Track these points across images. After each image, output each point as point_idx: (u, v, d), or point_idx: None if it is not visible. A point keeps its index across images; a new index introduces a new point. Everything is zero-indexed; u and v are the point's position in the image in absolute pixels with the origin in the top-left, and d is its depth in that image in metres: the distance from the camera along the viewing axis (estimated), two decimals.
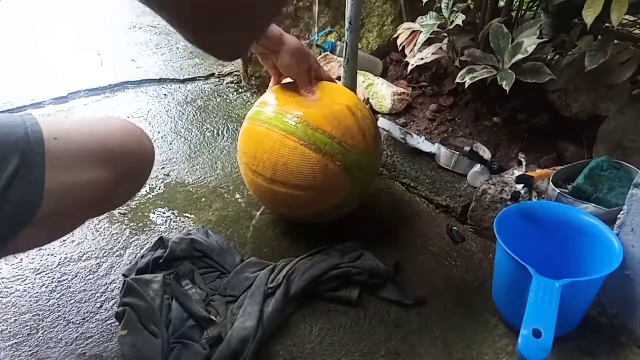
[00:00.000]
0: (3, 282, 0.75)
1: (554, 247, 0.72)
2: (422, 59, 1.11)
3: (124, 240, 0.85)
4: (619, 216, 0.67)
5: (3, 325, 0.68)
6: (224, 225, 0.89)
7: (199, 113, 1.32)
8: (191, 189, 1.01)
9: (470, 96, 1.16)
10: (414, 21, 1.20)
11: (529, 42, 0.93)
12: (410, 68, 1.14)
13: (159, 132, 1.22)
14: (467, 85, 0.96)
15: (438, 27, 1.06)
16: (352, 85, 1.03)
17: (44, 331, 0.67)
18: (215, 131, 1.24)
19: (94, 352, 0.64)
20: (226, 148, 1.16)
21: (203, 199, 0.97)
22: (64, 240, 0.85)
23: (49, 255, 0.81)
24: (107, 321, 0.69)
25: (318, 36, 1.37)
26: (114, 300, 0.72)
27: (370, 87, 1.27)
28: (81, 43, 1.75)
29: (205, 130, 1.24)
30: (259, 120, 0.75)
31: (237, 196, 0.99)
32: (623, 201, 0.67)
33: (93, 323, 0.68)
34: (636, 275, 0.66)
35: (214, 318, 0.67)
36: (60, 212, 0.41)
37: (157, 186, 1.01)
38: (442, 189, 0.99)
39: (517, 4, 1.08)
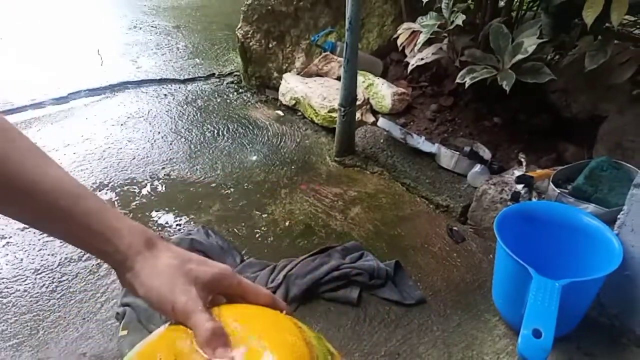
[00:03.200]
0: (3, 282, 0.75)
1: (553, 247, 0.72)
2: (422, 59, 1.11)
3: None
4: (618, 216, 0.67)
5: (3, 325, 0.68)
6: (224, 225, 0.89)
7: (199, 113, 1.32)
8: (191, 189, 1.01)
9: (470, 96, 1.16)
10: (414, 21, 1.20)
11: (529, 42, 0.93)
12: (410, 68, 1.14)
13: (159, 132, 1.22)
14: (467, 85, 0.96)
15: (438, 27, 1.06)
16: (352, 86, 1.03)
17: (44, 331, 0.67)
18: (216, 131, 1.24)
19: (94, 352, 0.64)
20: (226, 148, 1.16)
21: (203, 199, 0.97)
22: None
23: (49, 255, 0.81)
24: (107, 321, 0.69)
25: (318, 36, 1.37)
26: (114, 301, 0.72)
27: (370, 87, 1.27)
28: (81, 43, 1.75)
29: (205, 130, 1.24)
30: None
31: (237, 196, 0.99)
32: (623, 201, 0.67)
33: (93, 323, 0.68)
34: (636, 275, 0.66)
35: None
36: None
37: (157, 186, 1.01)
38: (442, 189, 0.99)
39: (517, 4, 1.08)
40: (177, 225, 0.90)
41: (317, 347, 0.30)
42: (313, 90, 1.28)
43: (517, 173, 0.89)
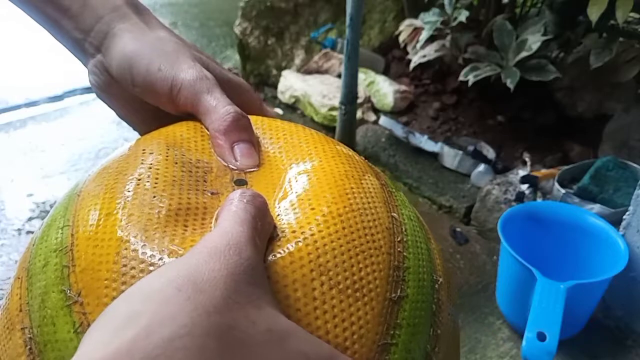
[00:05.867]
0: None
1: (558, 248, 0.71)
2: (424, 56, 1.10)
3: None
4: (624, 217, 0.66)
5: None
6: None
7: None
8: None
9: (473, 94, 1.14)
10: (416, 17, 1.18)
11: (534, 39, 0.92)
12: (412, 65, 1.12)
13: None
14: (470, 83, 0.95)
15: (441, 24, 1.05)
16: (353, 83, 1.01)
17: None
18: None
19: None
20: None
21: None
22: None
23: None
24: None
25: (318, 33, 1.35)
26: None
27: (372, 84, 1.26)
28: None
29: None
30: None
31: None
32: (629, 201, 0.66)
33: None
34: None
35: None
36: None
37: None
38: (445, 189, 0.97)
39: (521, 0, 1.06)
40: None
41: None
42: (313, 88, 1.27)
43: (522, 173, 0.88)
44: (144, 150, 0.18)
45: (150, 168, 0.17)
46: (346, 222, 0.16)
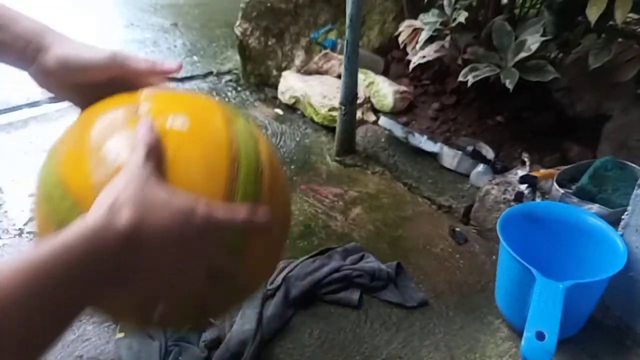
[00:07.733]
0: None
1: (557, 248, 0.71)
2: (423, 56, 1.10)
3: None
4: (623, 216, 0.66)
5: None
6: None
7: None
8: None
9: (473, 95, 1.15)
10: (415, 18, 1.18)
11: (532, 40, 0.92)
12: (412, 66, 1.13)
13: None
14: (469, 84, 0.95)
15: (440, 25, 1.05)
16: (353, 84, 1.02)
17: None
18: None
19: (91, 354, 0.64)
20: None
21: None
22: None
23: None
24: (104, 323, 0.68)
25: (318, 33, 1.36)
26: None
27: (371, 85, 1.26)
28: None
29: None
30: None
31: None
32: (627, 201, 0.66)
33: (90, 325, 0.68)
34: None
35: (212, 320, 0.66)
36: None
37: None
38: (445, 189, 0.98)
39: (520, 1, 1.07)
40: None
41: (239, 128, 0.35)
42: (313, 89, 1.27)
43: (521, 173, 0.89)
44: (84, 114, 0.35)
45: (90, 119, 0.34)
46: (204, 135, 0.33)
